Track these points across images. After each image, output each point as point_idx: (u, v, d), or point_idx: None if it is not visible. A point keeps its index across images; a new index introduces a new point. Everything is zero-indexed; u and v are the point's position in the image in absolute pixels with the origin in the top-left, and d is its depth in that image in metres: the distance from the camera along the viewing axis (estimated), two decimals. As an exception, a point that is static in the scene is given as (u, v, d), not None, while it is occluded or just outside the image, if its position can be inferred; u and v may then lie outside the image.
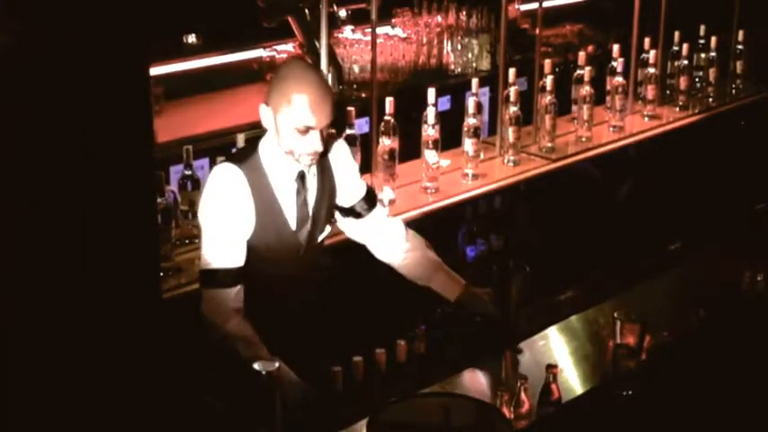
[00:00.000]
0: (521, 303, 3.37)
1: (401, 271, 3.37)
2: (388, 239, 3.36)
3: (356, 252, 3.45)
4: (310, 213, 3.14)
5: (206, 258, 3.05)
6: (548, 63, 4.66)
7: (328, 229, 3.25)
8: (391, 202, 4.04)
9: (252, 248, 3.08)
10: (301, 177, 3.09)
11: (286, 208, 3.10)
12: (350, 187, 3.27)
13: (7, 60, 2.36)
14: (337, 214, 3.32)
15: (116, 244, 2.64)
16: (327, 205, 3.21)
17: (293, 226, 3.12)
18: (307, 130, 2.94)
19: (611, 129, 4.96)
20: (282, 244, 3.12)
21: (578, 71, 4.89)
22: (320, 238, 3.22)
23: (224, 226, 3.03)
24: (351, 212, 3.30)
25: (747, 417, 3.32)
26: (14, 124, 2.41)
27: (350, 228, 3.36)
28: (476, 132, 4.30)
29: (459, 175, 4.34)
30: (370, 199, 3.33)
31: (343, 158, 3.25)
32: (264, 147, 3.08)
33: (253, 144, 3.12)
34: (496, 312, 3.33)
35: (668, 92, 5.38)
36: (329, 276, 3.45)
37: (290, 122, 2.95)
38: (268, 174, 3.06)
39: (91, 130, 2.54)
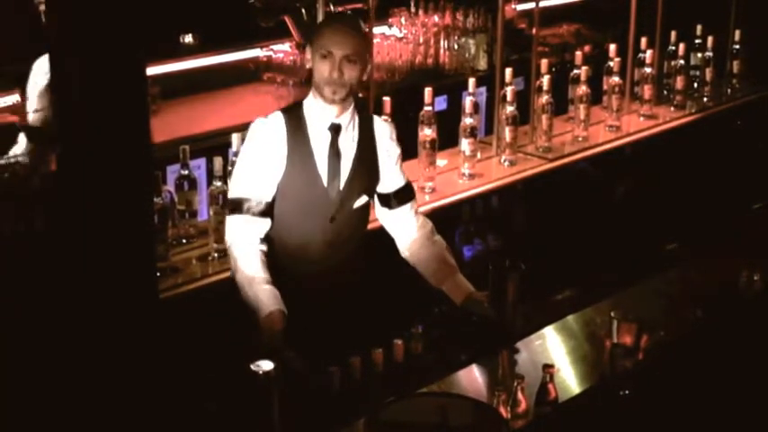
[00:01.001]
0: (517, 303, 3.37)
1: (416, 267, 3.43)
2: (409, 236, 3.44)
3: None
4: (343, 172, 3.23)
5: (234, 188, 3.24)
6: (544, 63, 4.66)
7: (364, 199, 3.32)
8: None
9: (282, 200, 3.21)
10: (335, 129, 3.21)
11: (319, 158, 3.22)
12: (389, 174, 3.37)
13: None
14: (375, 198, 3.41)
15: (113, 244, 2.64)
16: (365, 174, 3.30)
17: (324, 180, 3.21)
18: (328, 53, 3.13)
19: (608, 128, 4.96)
20: (313, 198, 3.23)
21: (575, 71, 4.90)
22: (355, 206, 3.29)
23: (255, 160, 3.21)
24: (385, 201, 3.41)
25: (745, 416, 3.32)
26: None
27: (380, 212, 3.46)
28: (472, 132, 4.30)
29: (455, 174, 4.34)
30: (403, 195, 3.42)
31: (387, 137, 3.37)
32: (308, 99, 3.26)
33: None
34: (494, 315, 3.33)
35: (665, 92, 5.39)
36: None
37: (317, 51, 3.15)
38: (306, 120, 3.23)
39: (88, 129, 2.53)
